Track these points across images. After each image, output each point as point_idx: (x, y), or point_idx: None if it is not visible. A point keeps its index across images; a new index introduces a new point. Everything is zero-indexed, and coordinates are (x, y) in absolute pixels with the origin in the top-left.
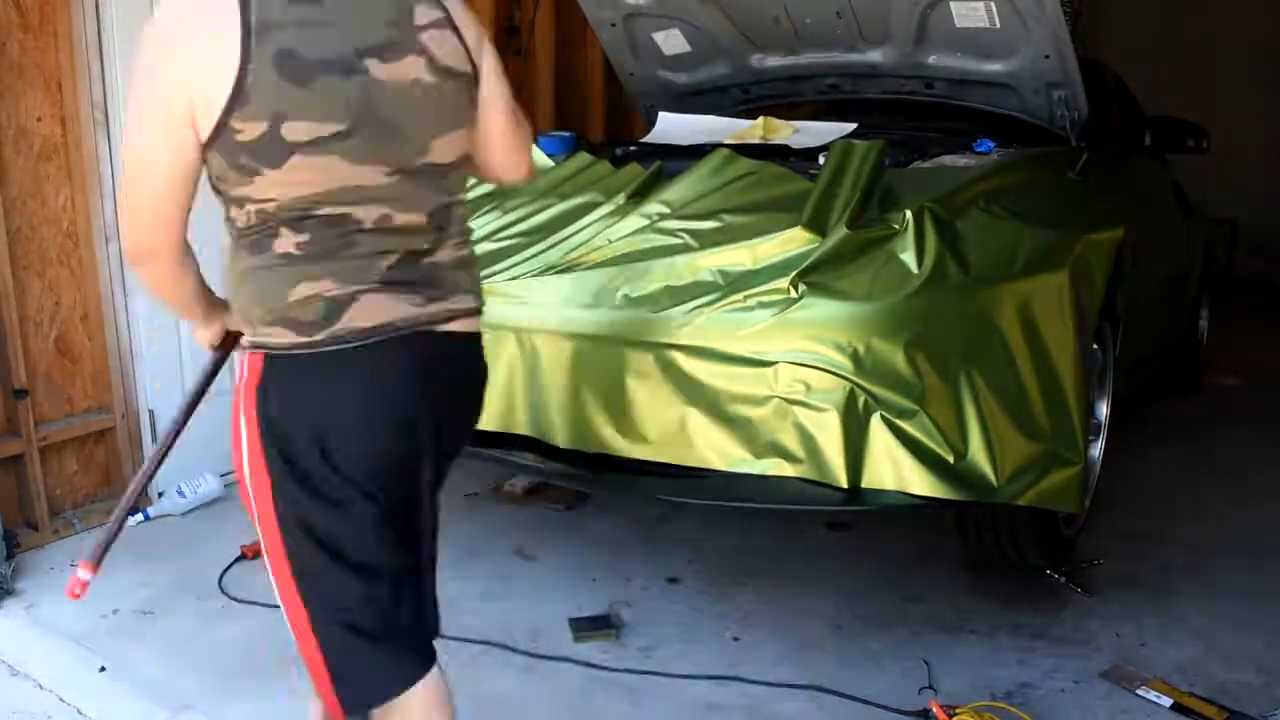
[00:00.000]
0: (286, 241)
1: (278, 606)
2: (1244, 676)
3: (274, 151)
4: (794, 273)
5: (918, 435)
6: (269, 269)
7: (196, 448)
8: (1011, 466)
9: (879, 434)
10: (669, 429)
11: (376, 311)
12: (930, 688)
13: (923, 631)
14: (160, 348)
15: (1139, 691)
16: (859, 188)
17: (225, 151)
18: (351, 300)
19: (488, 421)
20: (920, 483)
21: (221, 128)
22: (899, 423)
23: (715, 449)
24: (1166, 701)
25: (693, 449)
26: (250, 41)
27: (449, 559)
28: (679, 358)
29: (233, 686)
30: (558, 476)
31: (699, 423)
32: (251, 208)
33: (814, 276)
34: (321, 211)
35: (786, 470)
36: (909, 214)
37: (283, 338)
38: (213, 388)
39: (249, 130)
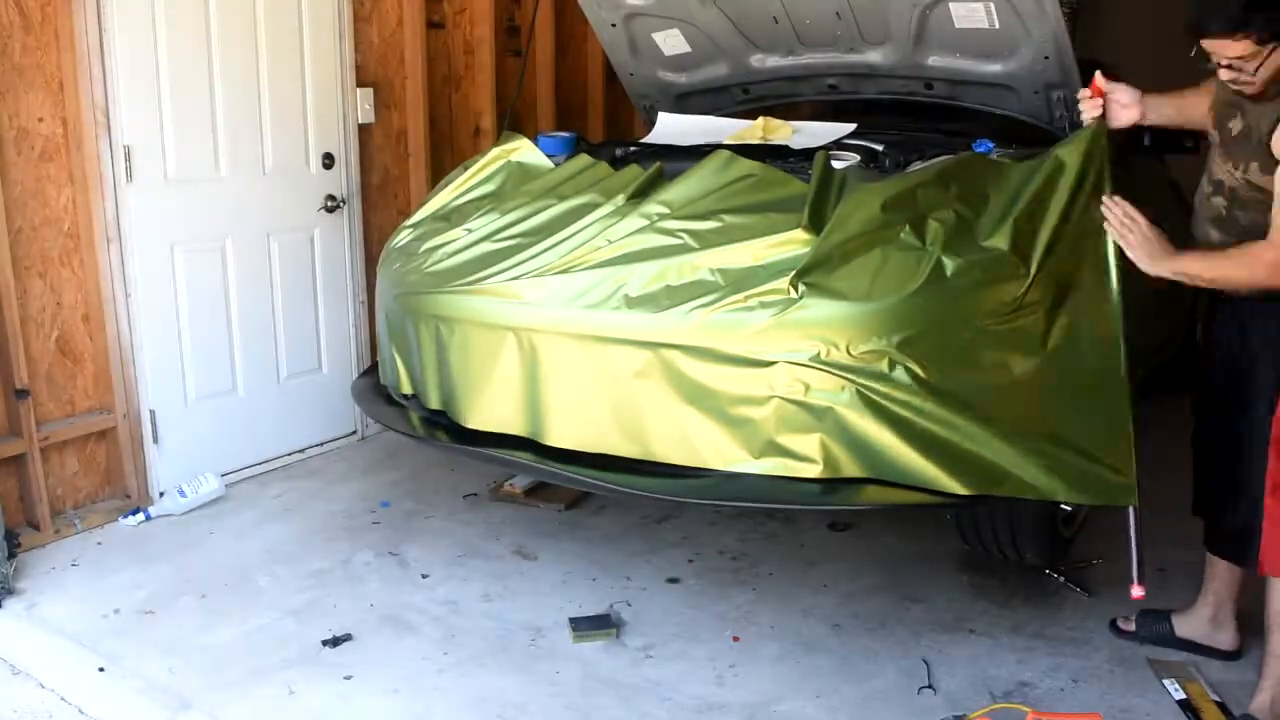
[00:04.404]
0: None
1: None
2: (1243, 676)
3: None
4: (793, 273)
5: (919, 433)
6: None
7: (197, 448)
8: (1020, 459)
9: (879, 433)
10: (669, 429)
11: None
12: (930, 687)
13: (923, 631)
14: (162, 347)
15: (1164, 681)
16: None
17: None
18: None
19: (488, 422)
20: (923, 478)
21: None
22: (899, 421)
23: (715, 449)
24: (1179, 694)
25: (693, 449)
26: None
27: (449, 559)
28: (679, 358)
29: (233, 686)
30: (557, 477)
31: (699, 423)
32: None
33: (813, 276)
34: None
35: (786, 470)
36: (908, 215)
37: None
38: (217, 388)
39: None
